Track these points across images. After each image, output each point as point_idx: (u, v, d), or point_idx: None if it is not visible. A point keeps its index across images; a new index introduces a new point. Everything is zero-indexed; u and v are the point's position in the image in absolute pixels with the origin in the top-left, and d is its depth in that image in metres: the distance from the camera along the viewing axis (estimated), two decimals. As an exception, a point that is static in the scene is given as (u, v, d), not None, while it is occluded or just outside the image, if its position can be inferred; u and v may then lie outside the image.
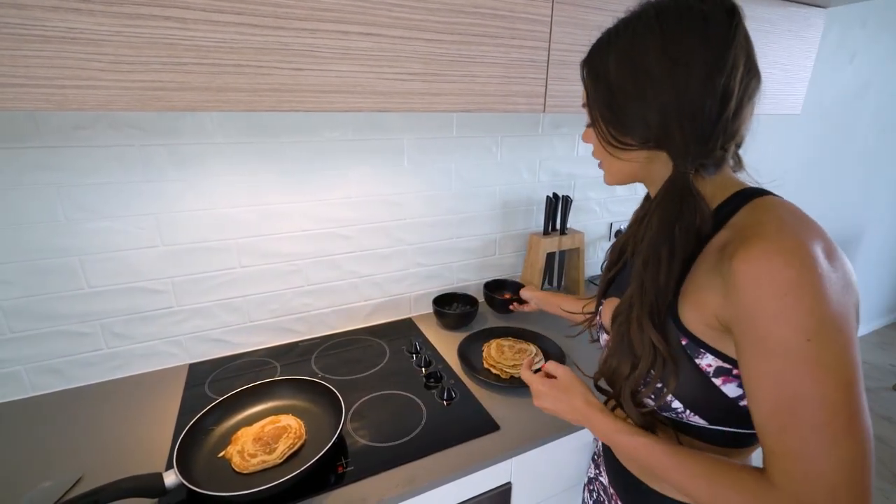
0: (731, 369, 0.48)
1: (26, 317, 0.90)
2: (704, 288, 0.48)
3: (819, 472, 0.39)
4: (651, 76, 0.48)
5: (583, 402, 0.60)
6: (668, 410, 0.54)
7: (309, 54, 0.67)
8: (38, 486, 0.71)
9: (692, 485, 0.48)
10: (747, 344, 0.43)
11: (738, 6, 0.48)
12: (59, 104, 0.57)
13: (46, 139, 0.83)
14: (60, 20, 0.54)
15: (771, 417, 0.42)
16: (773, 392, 0.41)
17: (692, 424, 0.54)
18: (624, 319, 0.54)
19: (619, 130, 0.53)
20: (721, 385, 0.49)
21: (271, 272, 1.10)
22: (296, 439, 0.77)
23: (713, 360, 0.49)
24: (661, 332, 0.51)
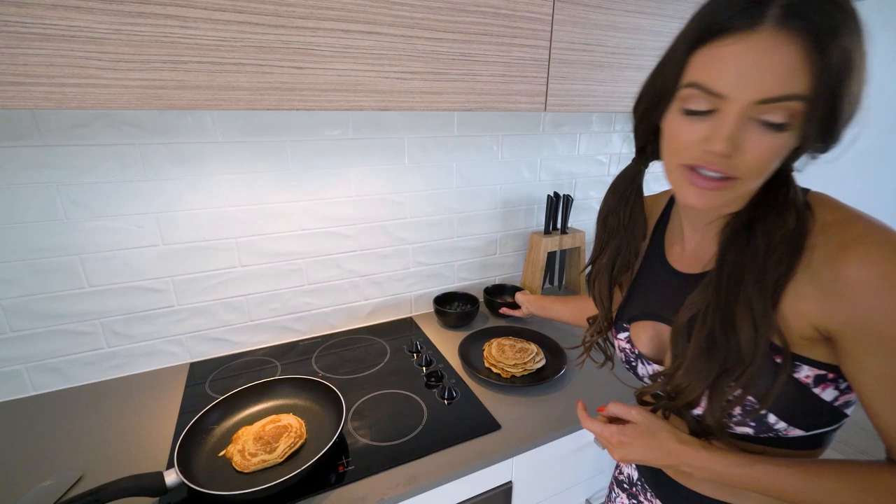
0: (826, 374, 0.46)
1: (27, 316, 0.90)
2: (801, 298, 0.44)
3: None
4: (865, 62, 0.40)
5: (676, 442, 0.53)
6: (767, 431, 0.50)
7: (310, 53, 0.67)
8: (38, 485, 0.71)
9: (834, 502, 0.45)
10: (867, 349, 0.42)
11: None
12: (58, 102, 0.57)
13: (46, 138, 0.83)
14: (60, 18, 0.54)
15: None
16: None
17: (790, 437, 0.50)
18: (712, 344, 0.48)
19: (837, 130, 0.42)
20: (821, 393, 0.47)
21: (272, 271, 1.09)
22: (296, 438, 0.77)
23: (810, 371, 0.46)
24: (762, 355, 0.46)
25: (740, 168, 0.43)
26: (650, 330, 0.60)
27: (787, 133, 0.41)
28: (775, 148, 0.42)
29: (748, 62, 0.39)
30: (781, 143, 0.41)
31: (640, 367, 0.62)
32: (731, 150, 0.42)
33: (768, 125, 0.40)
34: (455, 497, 0.80)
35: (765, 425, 0.49)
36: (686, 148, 0.45)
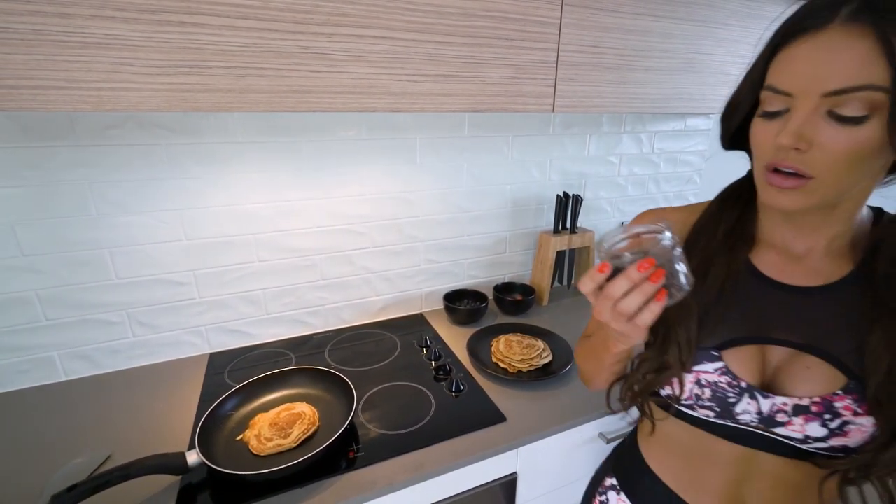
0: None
1: (60, 305, 0.96)
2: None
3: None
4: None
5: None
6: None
7: (326, 57, 0.71)
8: (70, 462, 0.76)
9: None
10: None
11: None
12: (95, 105, 0.61)
13: (80, 138, 0.89)
14: (98, 27, 0.58)
15: None
16: None
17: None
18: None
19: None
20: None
21: (288, 266, 1.14)
22: (309, 425, 0.81)
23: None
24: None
25: (815, 165, 0.41)
26: (756, 355, 0.50)
27: (868, 127, 0.39)
28: (851, 143, 0.39)
29: (816, 58, 0.40)
30: (859, 137, 0.39)
31: (744, 403, 0.50)
32: (797, 141, 0.41)
33: (843, 119, 0.39)
34: (462, 486, 0.83)
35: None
36: (764, 149, 0.45)
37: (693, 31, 0.99)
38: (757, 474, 0.52)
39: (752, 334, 0.50)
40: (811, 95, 0.40)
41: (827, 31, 0.39)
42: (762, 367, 0.50)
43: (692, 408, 0.53)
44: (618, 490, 0.66)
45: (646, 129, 1.47)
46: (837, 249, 0.50)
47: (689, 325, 0.51)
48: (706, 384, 0.51)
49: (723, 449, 0.53)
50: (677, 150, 1.57)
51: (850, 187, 0.44)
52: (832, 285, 0.49)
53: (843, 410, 0.45)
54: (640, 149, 1.49)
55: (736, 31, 1.05)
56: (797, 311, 0.49)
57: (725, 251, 0.52)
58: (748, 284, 0.52)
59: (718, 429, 0.53)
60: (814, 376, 0.47)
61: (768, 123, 0.44)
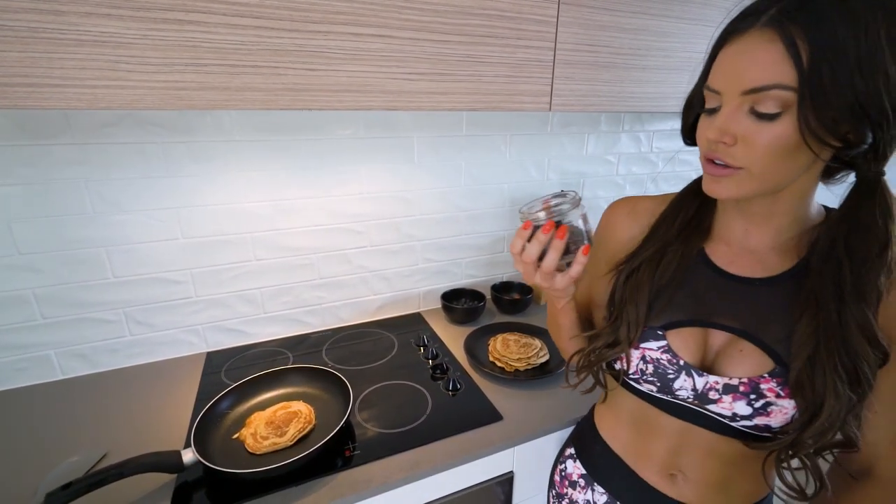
0: None
1: (56, 304, 0.96)
2: (887, 306, 0.47)
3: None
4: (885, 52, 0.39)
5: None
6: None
7: (322, 55, 0.71)
8: (66, 461, 0.76)
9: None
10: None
11: None
12: (89, 103, 0.61)
13: (76, 136, 0.89)
14: (93, 25, 0.58)
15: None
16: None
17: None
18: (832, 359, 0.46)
19: (837, 115, 0.41)
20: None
21: (285, 265, 1.14)
22: (306, 424, 0.81)
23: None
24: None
25: (741, 158, 0.45)
26: (698, 337, 0.54)
27: (781, 124, 0.42)
28: (769, 138, 0.43)
29: (738, 59, 0.44)
30: (775, 132, 0.43)
31: (682, 380, 0.54)
32: (722, 135, 0.45)
33: (760, 115, 0.43)
34: (458, 484, 0.83)
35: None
36: (701, 142, 0.50)
37: (689, 30, 0.99)
38: (692, 446, 0.56)
39: (695, 317, 0.54)
40: (734, 93, 0.44)
41: (749, 35, 0.43)
42: (703, 348, 0.54)
43: (638, 382, 0.58)
44: (574, 458, 0.72)
45: (644, 128, 1.47)
46: (785, 244, 0.53)
47: (640, 306, 0.55)
48: (650, 360, 0.56)
49: (664, 421, 0.57)
50: (676, 150, 1.57)
51: (782, 178, 0.46)
52: (775, 277, 0.52)
53: (768, 392, 0.49)
54: (638, 148, 1.49)
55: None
56: (739, 299, 0.53)
57: (680, 240, 0.56)
58: (699, 272, 0.56)
59: (660, 403, 0.57)
60: (745, 359, 0.51)
61: (706, 119, 0.48)
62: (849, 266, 0.46)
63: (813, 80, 0.40)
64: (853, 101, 0.40)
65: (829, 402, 0.45)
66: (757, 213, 0.52)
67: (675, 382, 0.54)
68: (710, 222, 0.58)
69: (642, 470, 0.61)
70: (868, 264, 0.45)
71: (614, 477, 0.64)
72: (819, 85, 0.40)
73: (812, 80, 0.40)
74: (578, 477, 0.70)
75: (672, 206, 0.59)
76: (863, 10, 0.39)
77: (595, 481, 0.67)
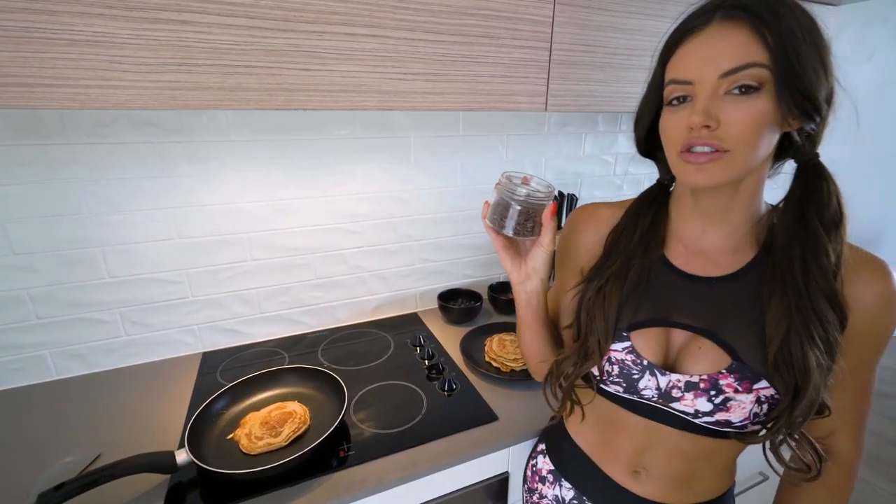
0: None
1: (52, 304, 0.96)
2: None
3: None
4: (826, 44, 0.46)
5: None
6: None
7: (316, 55, 0.71)
8: (59, 462, 0.76)
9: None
10: (867, 346, 0.52)
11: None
12: (82, 103, 0.61)
13: (71, 136, 0.88)
14: (86, 25, 0.58)
15: (866, 391, 0.56)
16: (872, 374, 0.55)
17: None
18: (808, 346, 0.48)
19: (808, 93, 0.45)
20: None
21: (282, 265, 1.14)
22: (300, 424, 0.81)
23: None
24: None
25: (727, 139, 0.46)
26: (660, 337, 0.56)
27: (761, 99, 0.45)
28: (751, 114, 0.45)
29: (707, 49, 0.47)
30: (756, 108, 0.45)
31: (646, 380, 0.55)
32: (707, 118, 0.46)
33: (740, 92, 0.45)
34: (453, 485, 0.83)
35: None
36: (676, 135, 0.50)
37: (686, 31, 0.99)
38: (657, 443, 0.58)
39: (657, 317, 0.56)
40: (709, 79, 0.46)
41: (710, 28, 0.47)
42: (666, 348, 0.56)
43: (605, 383, 0.59)
44: (545, 454, 0.74)
45: (641, 128, 1.47)
46: (738, 243, 0.55)
47: (609, 318, 0.56)
48: (615, 361, 0.57)
49: (630, 420, 0.59)
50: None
51: (757, 160, 0.49)
52: (732, 275, 0.55)
53: (726, 388, 0.51)
54: (635, 148, 1.49)
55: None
56: (699, 298, 0.55)
57: (641, 253, 0.58)
58: (661, 275, 0.58)
59: (626, 402, 0.58)
60: (705, 357, 0.53)
61: (676, 112, 0.50)
62: (814, 240, 0.49)
63: (782, 58, 0.44)
64: (815, 79, 0.45)
65: (813, 374, 0.47)
66: (715, 212, 0.55)
67: (639, 382, 0.56)
68: (665, 232, 0.60)
69: (608, 467, 0.63)
70: (829, 237, 0.48)
71: (581, 473, 0.66)
72: (787, 62, 0.44)
73: (781, 58, 0.44)
74: (547, 472, 0.71)
75: (629, 218, 0.61)
76: (790, 2, 0.45)
77: (563, 477, 0.69)
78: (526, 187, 0.58)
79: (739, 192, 0.52)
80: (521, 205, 0.58)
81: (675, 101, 0.50)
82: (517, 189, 0.58)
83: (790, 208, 0.51)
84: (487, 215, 0.61)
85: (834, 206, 0.49)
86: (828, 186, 0.50)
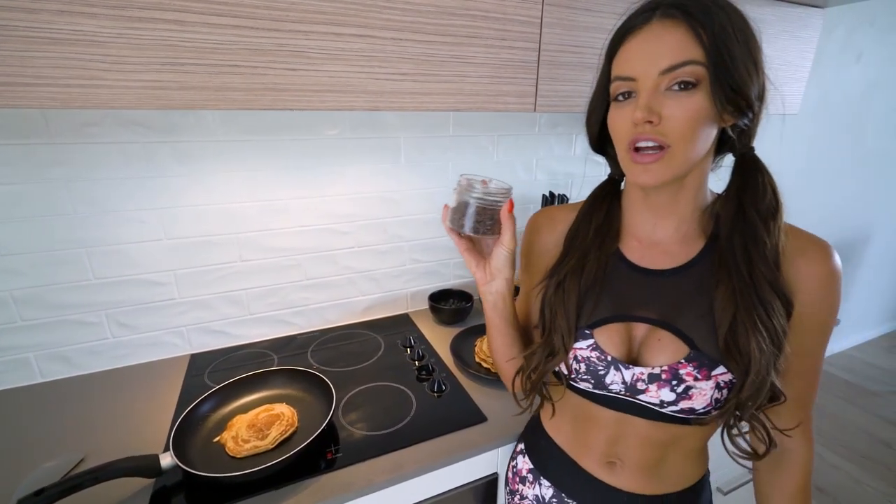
0: None
1: (36, 306, 0.94)
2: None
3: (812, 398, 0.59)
4: (756, 41, 0.49)
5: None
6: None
7: (303, 55, 0.70)
8: (41, 466, 0.75)
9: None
10: (812, 329, 0.53)
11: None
12: (63, 102, 0.60)
13: (56, 136, 0.87)
14: (66, 23, 0.57)
15: (813, 378, 0.57)
16: (818, 360, 0.56)
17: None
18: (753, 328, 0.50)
19: (741, 90, 0.47)
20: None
21: (271, 266, 1.13)
22: (288, 426, 0.80)
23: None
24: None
25: (668, 134, 0.49)
26: (622, 332, 0.57)
27: (698, 93, 0.48)
28: (690, 110, 0.48)
29: (647, 46, 0.49)
30: (694, 104, 0.48)
31: (612, 375, 0.56)
32: (649, 114, 0.48)
33: (679, 88, 0.48)
34: (442, 486, 0.83)
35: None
36: (622, 130, 0.52)
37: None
38: (628, 434, 0.59)
39: (617, 313, 0.57)
40: (650, 75, 0.48)
41: (650, 26, 0.49)
42: (628, 342, 0.57)
43: (575, 381, 0.60)
44: (524, 454, 0.74)
45: (632, 129, 1.48)
46: (687, 234, 0.57)
47: (569, 314, 0.58)
48: (581, 359, 0.58)
49: (601, 414, 0.60)
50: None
51: (697, 156, 0.51)
52: (683, 266, 0.56)
53: (686, 377, 0.52)
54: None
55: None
56: (654, 291, 0.57)
57: (597, 247, 0.60)
58: (618, 270, 0.60)
59: (597, 398, 0.60)
60: (664, 348, 0.54)
61: (621, 108, 0.52)
62: (752, 229, 0.51)
63: (716, 56, 0.46)
64: (746, 75, 0.47)
65: (755, 358, 0.49)
66: (663, 206, 0.57)
67: (606, 378, 0.57)
68: (619, 225, 0.62)
69: (583, 461, 0.64)
70: (768, 225, 0.51)
71: (559, 470, 0.67)
72: (721, 60, 0.46)
73: (716, 56, 0.46)
74: (527, 472, 0.72)
75: (584, 214, 0.63)
76: (722, 2, 0.48)
77: (541, 475, 0.69)
78: (483, 187, 0.59)
79: (685, 187, 0.55)
80: (478, 203, 0.59)
81: (620, 97, 0.52)
82: (474, 188, 0.59)
83: (729, 200, 0.54)
84: (448, 218, 0.62)
85: (769, 196, 0.51)
86: (763, 178, 0.52)
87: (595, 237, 0.60)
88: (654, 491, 0.60)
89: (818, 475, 1.83)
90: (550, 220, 0.67)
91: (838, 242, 2.29)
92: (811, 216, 2.10)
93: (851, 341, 2.78)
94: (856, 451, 1.96)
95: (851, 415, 2.15)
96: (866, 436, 2.04)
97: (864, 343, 2.84)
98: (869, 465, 1.88)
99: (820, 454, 1.94)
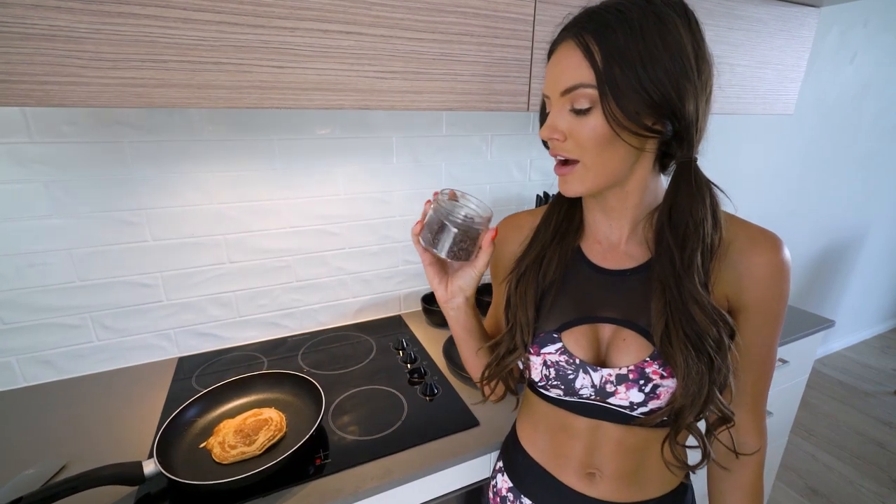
0: None
1: (18, 308, 0.92)
2: (721, 280, 0.53)
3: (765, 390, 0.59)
4: (666, 48, 0.46)
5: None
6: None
7: (289, 52, 0.68)
8: (21, 474, 0.73)
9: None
10: (763, 320, 0.54)
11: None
12: (39, 100, 0.58)
13: (35, 134, 0.85)
14: (41, 18, 0.55)
15: (764, 370, 0.57)
16: (770, 352, 0.56)
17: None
18: (688, 336, 0.50)
19: (636, 107, 0.47)
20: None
21: (260, 268, 1.11)
22: (276, 432, 0.79)
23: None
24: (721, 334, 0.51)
25: (573, 150, 0.51)
26: (589, 334, 0.57)
27: (593, 117, 0.49)
28: (588, 130, 0.49)
29: (554, 67, 0.51)
30: (592, 125, 0.49)
31: (581, 378, 0.56)
32: (552, 132, 0.51)
33: (576, 111, 0.50)
34: (434, 492, 0.81)
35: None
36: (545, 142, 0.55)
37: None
38: (603, 442, 0.59)
39: (583, 315, 0.57)
40: (556, 96, 0.51)
41: (561, 46, 0.51)
42: (596, 344, 0.57)
43: (546, 388, 0.60)
44: (503, 472, 0.72)
45: (627, 129, 1.47)
46: (642, 236, 0.58)
47: (528, 309, 0.58)
48: (551, 364, 0.58)
49: (575, 423, 0.60)
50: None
51: (615, 168, 0.52)
52: (641, 266, 0.57)
53: (653, 375, 0.53)
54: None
55: (713, 30, 1.04)
56: (618, 291, 0.57)
57: (557, 241, 0.60)
58: (580, 271, 0.60)
59: (569, 405, 0.59)
60: (629, 347, 0.54)
61: (546, 122, 0.54)
62: (675, 244, 0.51)
63: (608, 78, 0.46)
64: (645, 94, 0.46)
65: (681, 372, 0.49)
66: (614, 209, 0.57)
67: (575, 382, 0.57)
68: (581, 221, 0.62)
69: (562, 474, 0.63)
70: (689, 242, 0.50)
71: (538, 485, 0.65)
72: (613, 82, 0.46)
73: (607, 78, 0.46)
74: (507, 491, 0.70)
75: (546, 212, 0.64)
76: (638, 18, 0.46)
77: (522, 493, 0.67)
78: (465, 209, 0.56)
79: (628, 193, 0.55)
80: (459, 228, 0.55)
81: (546, 112, 0.55)
82: (456, 211, 0.55)
83: (663, 211, 0.53)
84: (422, 237, 0.57)
85: (696, 209, 0.51)
86: (698, 187, 0.51)
87: (555, 232, 0.61)
88: (634, 498, 0.60)
89: (812, 476, 1.84)
90: (517, 227, 0.67)
91: (832, 243, 2.30)
92: (805, 217, 2.11)
93: (845, 342, 2.79)
94: (849, 451, 1.96)
95: (845, 415, 2.15)
96: (860, 436, 2.05)
97: (858, 343, 2.85)
98: (862, 466, 1.89)
99: (813, 454, 1.94)
